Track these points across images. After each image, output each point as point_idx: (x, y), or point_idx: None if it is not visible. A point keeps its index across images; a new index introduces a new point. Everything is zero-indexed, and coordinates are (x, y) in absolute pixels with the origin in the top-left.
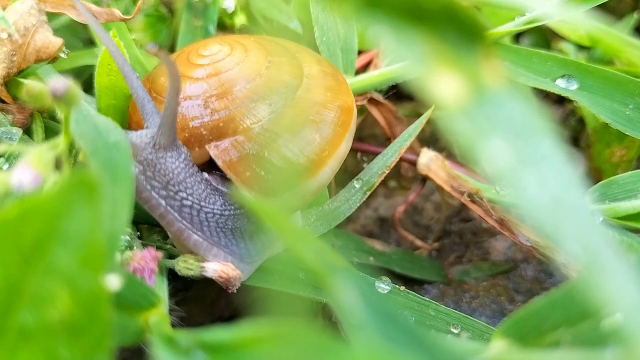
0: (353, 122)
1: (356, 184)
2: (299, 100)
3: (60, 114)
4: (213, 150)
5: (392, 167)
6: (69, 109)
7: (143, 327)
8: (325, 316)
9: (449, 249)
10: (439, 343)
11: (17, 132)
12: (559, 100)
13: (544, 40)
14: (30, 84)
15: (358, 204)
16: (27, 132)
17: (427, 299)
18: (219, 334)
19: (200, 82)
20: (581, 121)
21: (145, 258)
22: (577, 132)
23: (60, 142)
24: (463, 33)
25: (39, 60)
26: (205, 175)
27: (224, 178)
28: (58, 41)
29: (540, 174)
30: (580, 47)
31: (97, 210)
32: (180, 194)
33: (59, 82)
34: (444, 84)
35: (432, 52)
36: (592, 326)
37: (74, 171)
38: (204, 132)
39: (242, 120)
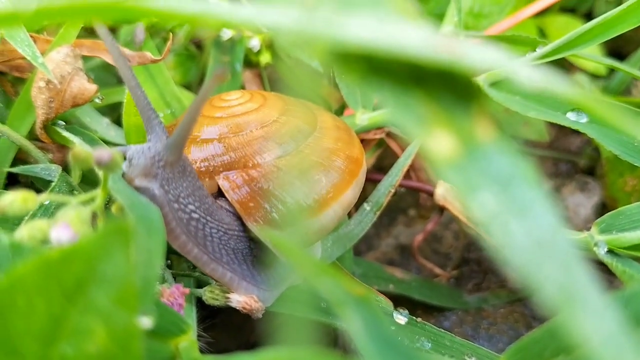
0: (361, 173)
1: (367, 206)
2: (310, 145)
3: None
4: (222, 181)
5: (396, 185)
6: (111, 173)
7: (173, 352)
8: (345, 343)
9: (467, 276)
10: None
11: (57, 169)
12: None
13: (562, 71)
14: (76, 150)
15: (369, 225)
16: (65, 169)
17: (442, 330)
18: (243, 359)
19: (219, 122)
20: (597, 150)
21: (174, 294)
22: (593, 160)
23: (97, 197)
24: (458, 93)
25: (75, 106)
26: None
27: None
28: (93, 87)
29: (526, 222)
30: (597, 77)
31: (131, 254)
32: (190, 206)
33: (105, 153)
34: (439, 142)
35: (429, 114)
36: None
37: (109, 220)
38: (217, 166)
39: (253, 157)
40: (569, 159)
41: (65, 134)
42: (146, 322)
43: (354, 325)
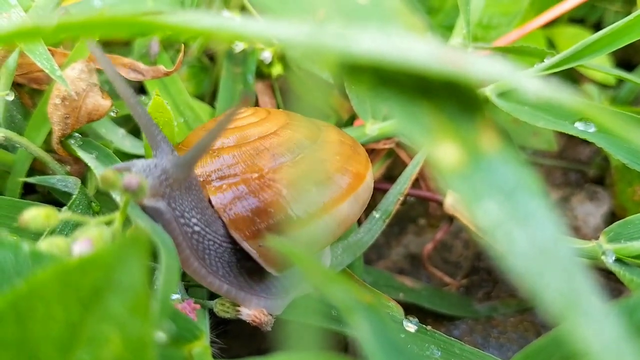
0: (361, 189)
1: (376, 214)
2: (306, 157)
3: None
4: (211, 192)
5: (405, 194)
6: (135, 199)
7: (187, 357)
8: (356, 351)
9: (477, 285)
10: None
11: (75, 181)
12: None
13: (572, 81)
14: (107, 174)
15: (379, 232)
16: (83, 180)
17: (452, 338)
18: None
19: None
20: (607, 159)
21: (185, 310)
22: (603, 170)
23: (116, 219)
24: (464, 105)
25: (90, 121)
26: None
27: None
28: (107, 103)
29: (529, 230)
30: (606, 87)
31: (146, 264)
32: (193, 219)
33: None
34: (445, 152)
35: (435, 124)
36: None
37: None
38: (209, 176)
39: (245, 168)
40: (579, 169)
41: (81, 154)
42: (161, 336)
43: (363, 332)
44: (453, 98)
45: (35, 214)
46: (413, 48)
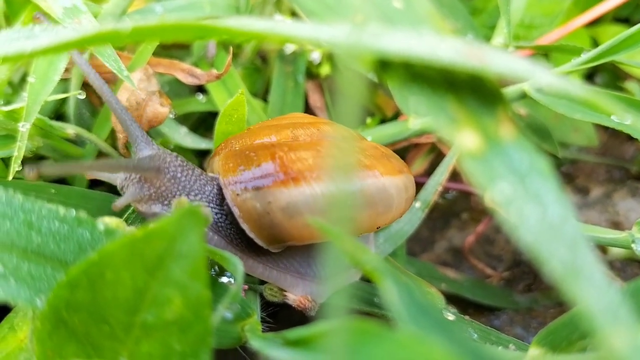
0: (372, 185)
1: (416, 204)
2: (322, 140)
3: None
4: (215, 158)
5: (443, 183)
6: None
7: (240, 332)
8: None
9: (518, 277)
10: (472, 341)
11: None
12: (631, 137)
13: (615, 78)
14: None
15: (419, 222)
16: None
17: (489, 327)
18: (298, 332)
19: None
20: None
21: None
22: None
23: None
24: (486, 99)
25: (151, 127)
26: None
27: None
28: (165, 110)
29: (539, 208)
30: None
31: (202, 234)
32: (197, 203)
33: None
34: (466, 139)
35: (459, 116)
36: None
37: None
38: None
39: (259, 138)
40: (622, 166)
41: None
42: (228, 315)
43: (391, 294)
44: (477, 93)
45: (109, 222)
46: (441, 46)
